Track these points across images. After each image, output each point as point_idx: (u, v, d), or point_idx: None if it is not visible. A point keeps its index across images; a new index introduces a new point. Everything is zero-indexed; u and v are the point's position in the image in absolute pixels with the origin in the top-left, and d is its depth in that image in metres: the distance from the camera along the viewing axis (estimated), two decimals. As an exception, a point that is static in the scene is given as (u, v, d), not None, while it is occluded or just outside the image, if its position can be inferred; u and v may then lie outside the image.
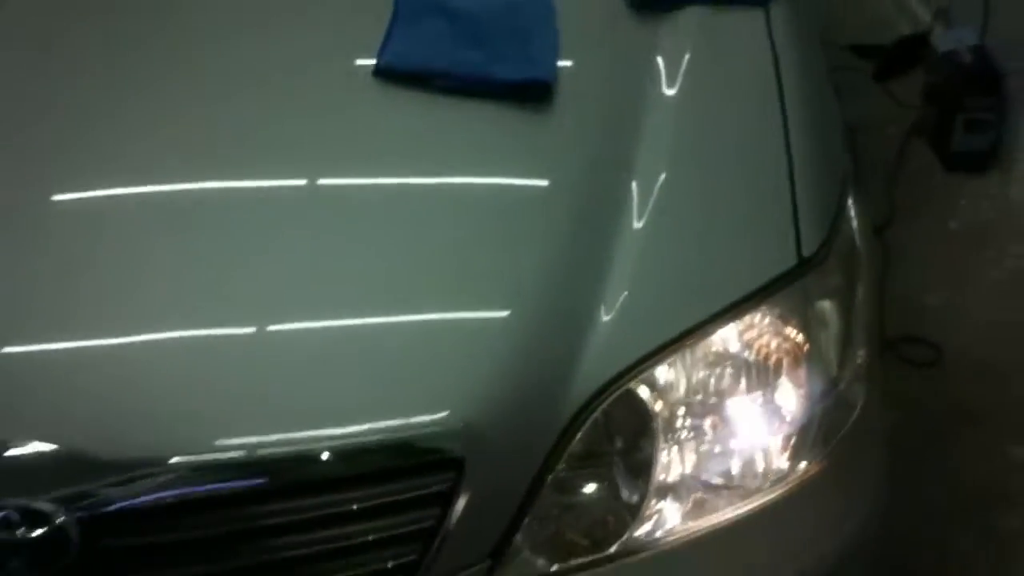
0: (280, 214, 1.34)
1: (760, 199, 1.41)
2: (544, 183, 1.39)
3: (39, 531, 1.12)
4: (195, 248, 1.28)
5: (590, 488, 1.29)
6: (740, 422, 1.33)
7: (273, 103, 1.46)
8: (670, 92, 1.52)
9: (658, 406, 1.29)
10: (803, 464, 1.34)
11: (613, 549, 1.29)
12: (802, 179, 1.42)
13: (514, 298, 1.27)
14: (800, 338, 1.35)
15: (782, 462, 1.34)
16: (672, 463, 1.31)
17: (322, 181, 1.39)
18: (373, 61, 1.50)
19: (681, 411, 1.31)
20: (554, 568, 1.28)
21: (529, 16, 1.57)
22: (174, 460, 1.14)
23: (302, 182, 1.38)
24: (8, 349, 1.19)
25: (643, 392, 1.29)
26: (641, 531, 1.30)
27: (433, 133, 1.43)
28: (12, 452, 1.13)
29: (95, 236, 1.30)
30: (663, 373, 1.30)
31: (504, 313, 1.26)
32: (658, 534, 1.30)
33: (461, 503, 1.20)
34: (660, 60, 1.56)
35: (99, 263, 1.27)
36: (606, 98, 1.50)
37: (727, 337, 1.32)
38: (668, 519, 1.31)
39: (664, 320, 1.30)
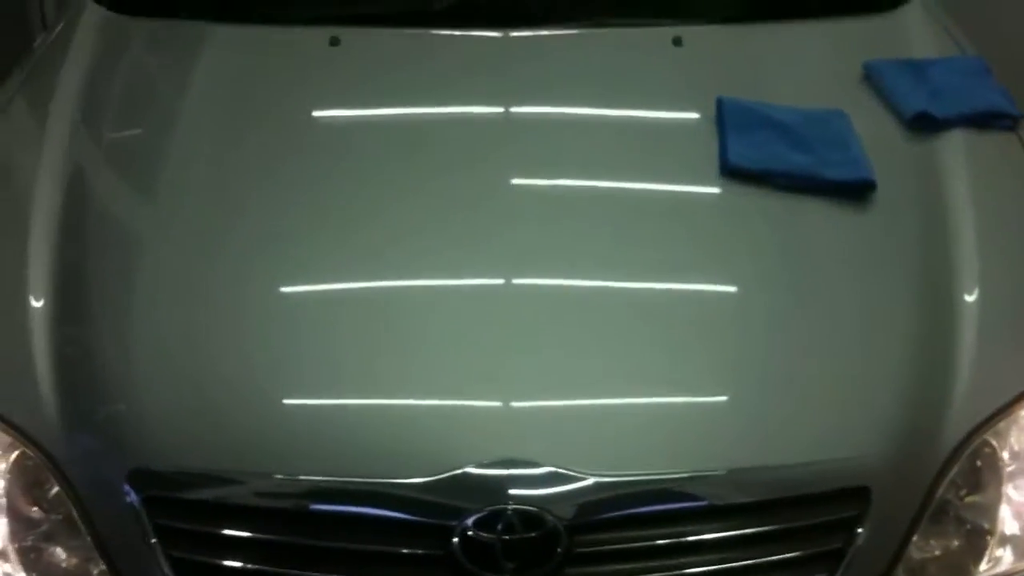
0: (652, 294, 1.60)
1: None
2: (890, 264, 1.63)
3: (535, 532, 1.32)
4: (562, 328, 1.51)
5: (951, 527, 1.49)
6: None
7: (629, 205, 1.72)
8: (963, 192, 1.75)
9: (1005, 455, 1.50)
10: None
11: None
12: None
13: (896, 360, 1.50)
14: None
15: None
16: (1010, 507, 1.51)
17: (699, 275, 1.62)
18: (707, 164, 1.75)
19: (1018, 463, 1.51)
20: None
21: (836, 128, 1.83)
22: (638, 478, 1.36)
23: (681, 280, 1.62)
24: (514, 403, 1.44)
25: (994, 443, 1.49)
26: (984, 567, 1.49)
27: (792, 223, 1.68)
28: (517, 471, 1.35)
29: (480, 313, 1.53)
30: (1007, 428, 1.51)
31: (888, 372, 1.48)
32: (996, 571, 1.49)
33: (866, 528, 1.40)
34: (944, 167, 1.81)
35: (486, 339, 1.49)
36: (911, 197, 1.75)
37: None
38: (1004, 559, 1.50)
39: (1006, 381, 1.52)
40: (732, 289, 1.61)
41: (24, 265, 1.59)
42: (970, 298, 1.58)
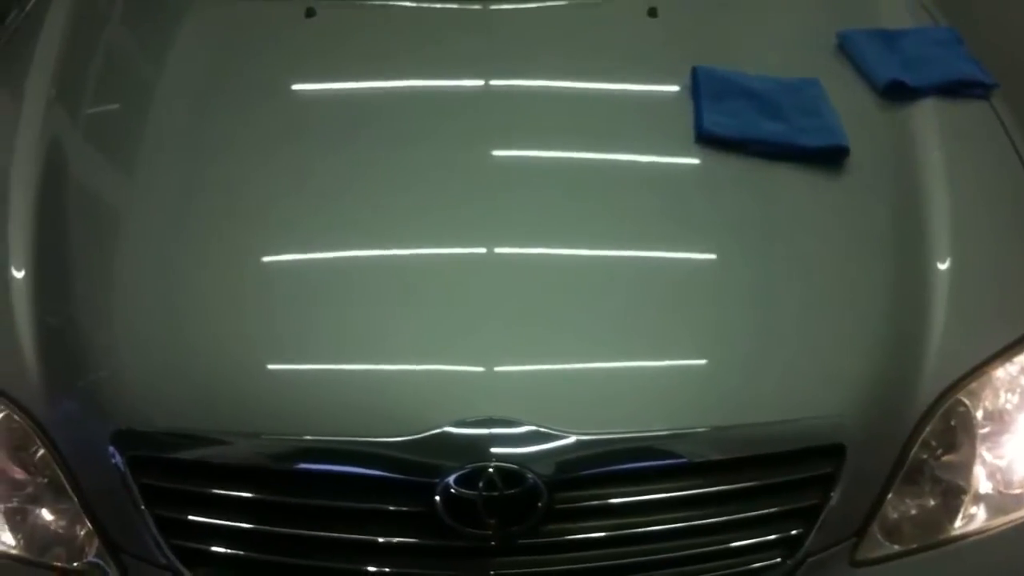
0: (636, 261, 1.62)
1: None
2: (865, 230, 1.66)
3: (516, 489, 1.34)
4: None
5: (926, 486, 1.52)
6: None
7: (610, 168, 1.75)
8: (937, 159, 1.78)
9: (979, 415, 1.53)
10: None
11: (938, 538, 1.52)
12: None
13: (870, 322, 1.52)
14: None
15: None
16: (984, 467, 1.54)
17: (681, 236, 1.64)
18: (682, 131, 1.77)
19: (991, 423, 1.54)
20: (896, 548, 1.50)
21: (809, 96, 1.85)
22: (618, 436, 1.38)
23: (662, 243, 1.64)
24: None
25: (968, 404, 1.52)
26: (958, 524, 1.53)
27: (767, 190, 1.70)
28: (498, 429, 1.37)
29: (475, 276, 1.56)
30: (980, 389, 1.54)
31: (863, 333, 1.51)
32: (970, 528, 1.53)
33: (841, 485, 1.43)
34: (917, 135, 1.83)
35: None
36: (885, 164, 1.77)
37: None
38: (978, 517, 1.53)
39: (979, 343, 1.54)
40: (709, 255, 1.63)
41: (4, 238, 1.59)
42: (943, 264, 1.61)
